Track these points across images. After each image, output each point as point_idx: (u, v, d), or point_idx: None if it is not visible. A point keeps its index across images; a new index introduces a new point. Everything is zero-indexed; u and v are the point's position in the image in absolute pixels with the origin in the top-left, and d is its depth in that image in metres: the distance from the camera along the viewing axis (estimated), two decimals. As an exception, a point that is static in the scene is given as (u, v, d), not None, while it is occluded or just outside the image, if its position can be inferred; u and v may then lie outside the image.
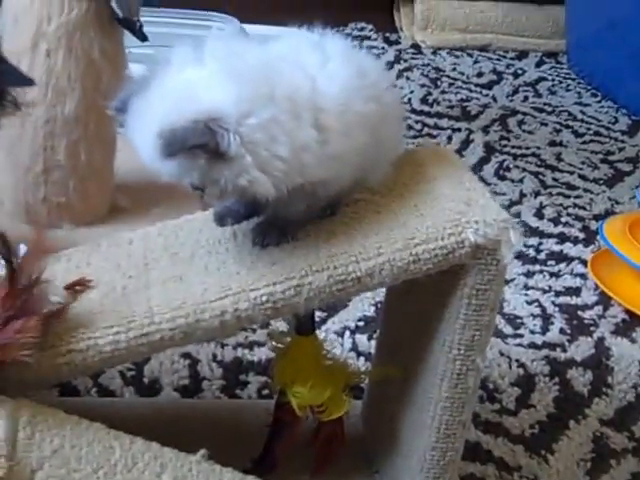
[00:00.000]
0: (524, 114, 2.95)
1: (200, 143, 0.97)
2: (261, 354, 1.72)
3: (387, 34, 3.41)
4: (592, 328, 1.95)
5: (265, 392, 1.63)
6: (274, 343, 1.35)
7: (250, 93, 1.00)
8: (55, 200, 1.93)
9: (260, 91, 1.00)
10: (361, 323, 1.85)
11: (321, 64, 1.09)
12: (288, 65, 1.06)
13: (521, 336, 1.89)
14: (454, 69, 3.23)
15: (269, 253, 1.14)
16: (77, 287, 1.14)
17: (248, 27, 3.08)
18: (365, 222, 1.18)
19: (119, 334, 1.08)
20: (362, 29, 3.41)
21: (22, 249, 1.09)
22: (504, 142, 2.75)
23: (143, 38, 1.91)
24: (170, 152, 0.97)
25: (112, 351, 1.08)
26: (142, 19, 1.89)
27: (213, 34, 1.07)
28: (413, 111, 2.85)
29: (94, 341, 1.08)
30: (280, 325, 1.66)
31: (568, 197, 2.48)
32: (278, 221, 1.14)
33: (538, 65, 3.37)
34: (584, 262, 2.18)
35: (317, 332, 1.36)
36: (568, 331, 1.93)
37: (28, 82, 1.26)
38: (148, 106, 1.01)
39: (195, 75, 1.01)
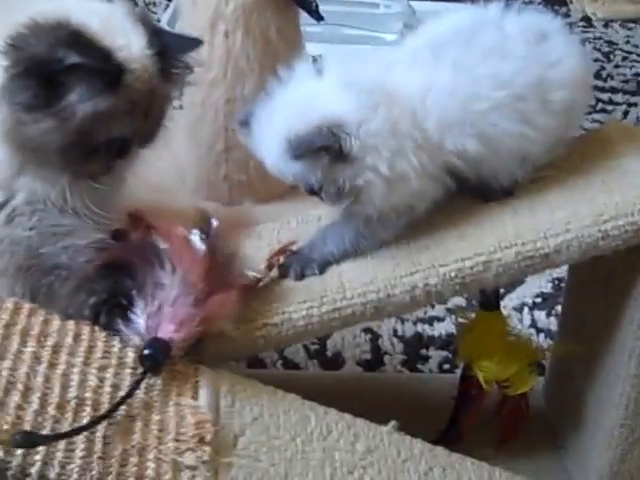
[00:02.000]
0: (701, 86, 2.86)
1: (325, 145, 1.07)
2: (441, 329, 1.74)
3: (556, 7, 3.35)
4: None
5: (446, 366, 1.66)
6: (459, 319, 1.36)
7: (366, 102, 1.08)
8: (236, 178, 1.98)
9: (374, 101, 1.09)
10: (539, 299, 1.85)
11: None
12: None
13: None
14: (627, 42, 3.15)
15: (457, 228, 1.16)
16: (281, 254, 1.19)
17: (416, 4, 3.08)
18: (551, 198, 1.18)
19: (312, 309, 1.12)
20: (530, 2, 3.36)
21: (214, 224, 1.13)
22: (681, 116, 2.67)
23: (319, 18, 1.93)
24: (298, 153, 1.08)
25: (305, 325, 1.12)
26: (316, -2, 1.92)
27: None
28: (586, 86, 2.79)
29: (289, 315, 1.12)
30: (458, 301, 1.68)
31: None
32: (482, 185, 1.18)
33: None
34: None
35: (498, 308, 1.37)
36: None
37: (196, 43, 1.28)
38: (272, 116, 1.12)
39: (316, 87, 1.12)
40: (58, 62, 1.06)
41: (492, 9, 1.18)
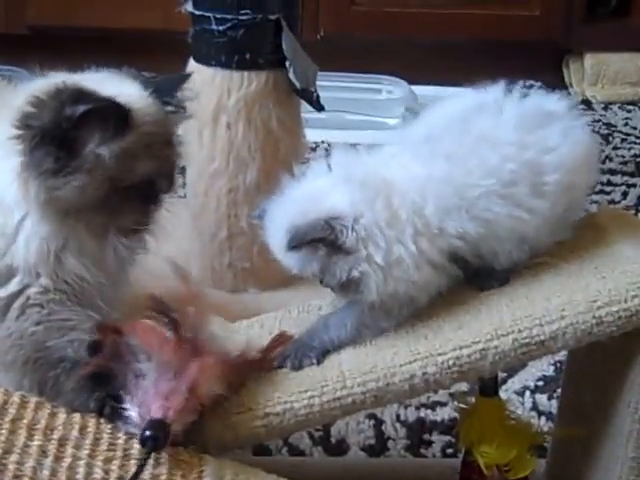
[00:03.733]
0: (699, 169, 2.88)
1: (319, 237, 1.12)
2: (444, 414, 1.75)
3: (557, 91, 3.38)
4: None
5: (449, 451, 1.66)
6: (458, 404, 1.38)
7: (364, 196, 1.13)
8: (240, 265, 2.00)
9: (373, 194, 1.13)
10: (540, 383, 1.86)
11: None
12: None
13: None
14: (626, 124, 3.18)
15: (455, 317, 1.19)
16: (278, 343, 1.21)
17: (417, 89, 3.13)
18: (546, 286, 1.21)
19: (313, 398, 1.14)
20: (531, 87, 3.38)
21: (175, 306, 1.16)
22: (680, 198, 2.69)
23: (320, 108, 1.96)
24: (294, 244, 1.13)
25: (307, 414, 1.14)
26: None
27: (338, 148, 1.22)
28: (585, 168, 2.81)
29: (290, 405, 1.14)
30: (461, 386, 1.69)
31: None
32: (487, 268, 1.21)
33: None
34: None
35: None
36: None
37: (185, 77, 1.34)
38: (280, 210, 1.17)
39: (323, 183, 1.17)
40: (68, 119, 1.10)
41: (493, 93, 1.23)
